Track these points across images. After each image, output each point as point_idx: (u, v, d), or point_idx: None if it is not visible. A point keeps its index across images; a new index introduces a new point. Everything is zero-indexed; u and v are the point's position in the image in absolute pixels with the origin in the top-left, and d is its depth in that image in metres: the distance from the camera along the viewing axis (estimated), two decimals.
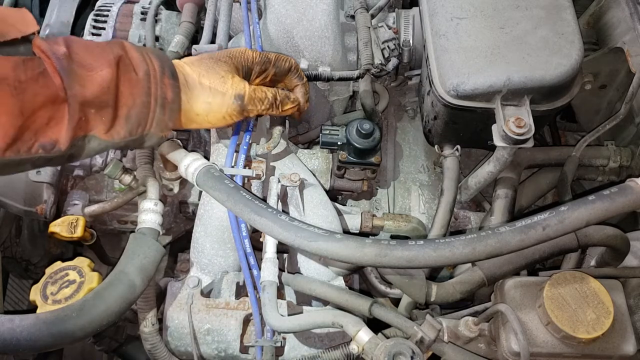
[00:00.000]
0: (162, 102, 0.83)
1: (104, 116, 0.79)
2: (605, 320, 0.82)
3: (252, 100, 0.91)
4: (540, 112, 1.03)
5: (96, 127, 0.79)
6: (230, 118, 0.91)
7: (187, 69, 0.90)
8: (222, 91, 0.89)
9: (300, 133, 1.34)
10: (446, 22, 1.06)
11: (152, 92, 0.82)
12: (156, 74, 0.83)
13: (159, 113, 0.83)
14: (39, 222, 1.52)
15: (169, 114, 0.85)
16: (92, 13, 1.42)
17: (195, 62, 0.91)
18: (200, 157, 1.00)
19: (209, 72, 0.90)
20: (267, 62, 0.97)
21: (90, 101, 0.77)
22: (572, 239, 0.94)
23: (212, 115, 0.90)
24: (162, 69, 0.84)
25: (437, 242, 0.79)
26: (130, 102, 0.81)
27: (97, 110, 0.78)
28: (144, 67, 0.83)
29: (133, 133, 0.83)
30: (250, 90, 0.91)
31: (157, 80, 0.83)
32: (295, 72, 1.01)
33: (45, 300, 0.96)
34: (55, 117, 0.75)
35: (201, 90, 0.88)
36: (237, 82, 0.91)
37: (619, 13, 1.25)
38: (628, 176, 1.09)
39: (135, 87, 0.81)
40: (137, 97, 0.81)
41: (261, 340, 0.98)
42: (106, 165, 1.20)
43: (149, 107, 0.82)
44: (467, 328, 0.90)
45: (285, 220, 0.84)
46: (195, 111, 0.89)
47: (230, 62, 0.92)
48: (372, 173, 1.20)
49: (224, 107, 0.89)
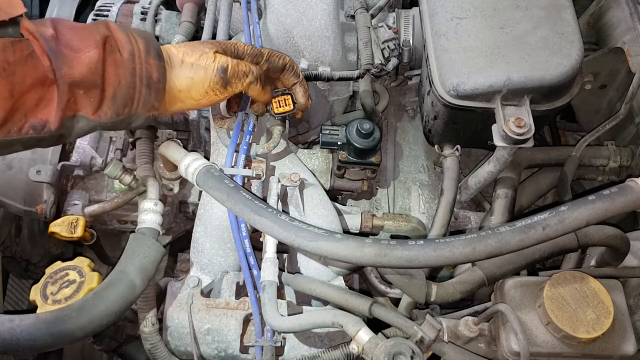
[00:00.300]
0: (147, 82, 0.84)
1: (91, 97, 0.80)
2: (605, 320, 0.82)
3: (236, 73, 0.91)
4: (540, 112, 1.03)
5: (84, 107, 0.80)
6: (214, 93, 0.91)
7: (172, 50, 0.91)
8: (204, 65, 0.89)
9: (300, 133, 1.34)
10: (446, 22, 1.06)
11: (137, 72, 0.83)
12: (141, 54, 0.84)
13: (145, 93, 0.84)
14: (39, 222, 1.52)
15: (155, 94, 0.86)
16: (92, 13, 1.42)
17: (182, 45, 0.93)
18: (200, 157, 1.00)
19: (193, 51, 0.91)
20: (259, 55, 0.97)
21: (78, 82, 0.78)
22: (572, 238, 0.94)
23: (195, 90, 0.90)
24: (147, 49, 0.85)
25: (437, 242, 0.79)
26: (115, 83, 0.82)
27: (85, 90, 0.79)
28: (128, 48, 0.84)
29: (120, 113, 0.84)
30: (233, 64, 0.91)
31: (142, 61, 0.84)
32: (291, 70, 1.01)
33: (45, 300, 0.96)
34: (45, 98, 0.76)
35: (184, 67, 0.89)
36: (219, 57, 0.91)
37: (619, 13, 1.25)
38: (628, 176, 1.09)
39: (120, 68, 0.82)
40: (123, 78, 0.82)
41: (261, 340, 0.98)
42: (106, 165, 1.20)
43: (135, 87, 0.83)
44: (467, 328, 0.90)
45: (285, 220, 0.84)
46: (178, 87, 0.89)
47: (217, 44, 0.93)
48: (372, 173, 1.20)
49: (206, 81, 0.90)
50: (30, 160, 1.27)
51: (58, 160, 1.29)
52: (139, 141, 1.23)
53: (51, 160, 1.28)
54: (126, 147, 1.35)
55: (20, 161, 1.28)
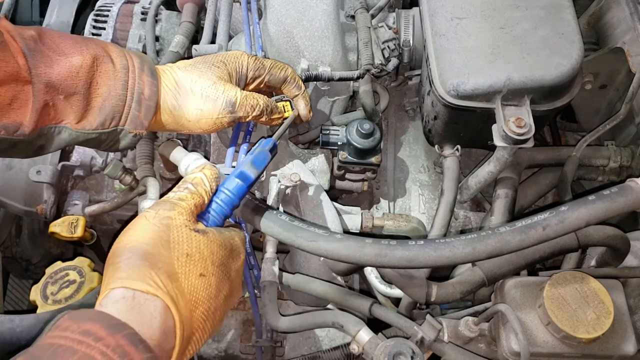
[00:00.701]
0: (138, 97, 0.83)
1: (74, 105, 0.79)
2: (606, 320, 0.82)
3: (244, 106, 0.90)
4: (541, 112, 1.03)
5: (67, 116, 0.79)
6: (222, 124, 0.90)
7: (180, 74, 0.89)
8: (213, 98, 0.88)
9: (300, 133, 1.34)
10: (446, 22, 1.06)
11: (129, 86, 0.82)
12: (134, 70, 0.84)
13: (134, 108, 0.83)
14: (39, 222, 1.52)
15: (145, 112, 0.84)
16: (92, 13, 1.42)
17: (189, 67, 0.91)
18: (200, 157, 0.99)
19: (201, 78, 0.89)
20: (261, 69, 0.97)
21: (56, 84, 0.76)
22: (572, 239, 0.94)
23: (204, 122, 0.89)
24: (141, 66, 0.85)
25: (437, 242, 0.79)
26: (105, 93, 0.81)
27: (65, 97, 0.78)
28: (122, 62, 0.83)
29: (105, 125, 0.82)
30: (242, 97, 0.90)
31: (135, 75, 0.83)
32: (293, 81, 1.01)
33: (46, 300, 0.97)
34: (19, 98, 0.74)
35: (193, 97, 0.88)
36: (228, 88, 0.90)
37: (619, 13, 1.25)
38: (628, 176, 1.09)
39: (111, 79, 0.81)
40: (113, 89, 0.81)
41: (261, 341, 0.98)
42: (106, 165, 1.20)
43: (124, 100, 0.82)
44: (467, 328, 0.90)
45: (285, 220, 0.84)
46: (187, 117, 0.89)
47: (223, 68, 0.92)
48: (372, 173, 1.20)
49: (215, 113, 0.89)
50: (30, 161, 1.27)
51: (58, 161, 1.29)
52: (139, 141, 1.23)
53: (51, 160, 1.28)
54: None
55: (20, 161, 1.28)
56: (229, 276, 0.70)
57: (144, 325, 0.57)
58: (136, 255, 0.62)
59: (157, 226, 0.65)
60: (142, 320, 0.58)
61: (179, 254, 0.64)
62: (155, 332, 0.58)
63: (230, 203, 0.74)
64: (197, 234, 0.67)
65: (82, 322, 0.54)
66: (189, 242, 0.65)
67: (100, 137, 0.83)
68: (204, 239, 0.67)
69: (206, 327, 0.65)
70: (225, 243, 0.70)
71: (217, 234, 0.70)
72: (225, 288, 0.69)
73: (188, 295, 0.62)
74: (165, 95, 0.87)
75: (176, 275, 0.62)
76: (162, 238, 0.64)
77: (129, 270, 0.61)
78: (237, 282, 0.73)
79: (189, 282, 0.63)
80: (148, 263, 0.61)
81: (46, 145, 0.81)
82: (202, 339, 0.65)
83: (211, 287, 0.66)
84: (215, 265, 0.67)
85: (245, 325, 1.06)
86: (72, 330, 0.54)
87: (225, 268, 0.69)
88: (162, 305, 0.59)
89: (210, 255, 0.67)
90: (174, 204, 0.69)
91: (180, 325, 0.60)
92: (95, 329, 0.54)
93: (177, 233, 0.66)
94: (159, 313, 0.59)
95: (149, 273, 0.60)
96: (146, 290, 0.59)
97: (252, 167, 0.77)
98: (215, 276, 0.67)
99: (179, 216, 0.67)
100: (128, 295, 0.59)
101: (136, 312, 0.58)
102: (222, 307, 0.68)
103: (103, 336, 0.53)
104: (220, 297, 0.67)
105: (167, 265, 0.62)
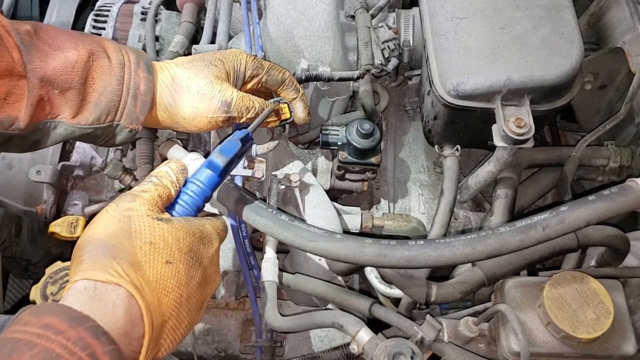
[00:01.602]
0: (134, 92, 0.83)
1: (69, 99, 0.79)
2: (606, 321, 0.82)
3: (239, 107, 0.90)
4: (540, 112, 1.03)
5: (62, 111, 0.79)
6: (216, 123, 0.90)
7: (177, 71, 0.90)
8: (209, 96, 0.88)
9: (300, 133, 1.34)
10: (446, 22, 1.06)
11: (125, 81, 0.83)
12: (130, 65, 0.84)
13: (129, 104, 0.83)
14: (39, 222, 1.52)
15: (141, 107, 0.85)
16: (92, 13, 1.42)
17: (186, 65, 0.91)
18: (200, 157, 0.99)
19: (198, 76, 0.89)
20: (259, 68, 0.97)
21: (51, 78, 0.77)
22: (572, 239, 0.94)
23: (198, 120, 0.89)
24: (137, 62, 0.85)
25: (437, 242, 0.79)
26: (101, 88, 0.81)
27: (61, 92, 0.78)
28: (118, 57, 0.83)
29: (101, 120, 0.82)
30: (237, 98, 0.90)
31: (130, 71, 0.84)
32: (291, 85, 1.00)
33: (46, 300, 0.97)
34: (14, 92, 0.75)
35: (189, 94, 0.88)
36: (225, 88, 0.90)
37: (619, 13, 1.25)
38: (628, 176, 1.09)
39: (107, 75, 0.82)
40: (109, 84, 0.82)
41: (261, 341, 0.98)
42: (106, 165, 1.20)
43: (120, 95, 0.83)
44: (467, 328, 0.90)
45: (285, 220, 0.84)
46: (182, 114, 0.89)
47: (221, 66, 0.92)
48: (372, 173, 1.20)
49: (210, 112, 0.89)
50: (30, 161, 1.27)
51: (58, 161, 1.29)
52: (139, 141, 1.23)
53: (51, 160, 1.28)
54: (126, 148, 1.35)
55: (20, 161, 1.28)
56: (200, 262, 0.69)
57: (107, 314, 0.57)
58: (98, 247, 0.62)
59: (117, 218, 0.65)
60: (104, 309, 0.57)
61: (141, 242, 0.64)
62: (119, 321, 0.58)
63: (201, 194, 0.73)
64: (160, 222, 0.66)
65: (42, 316, 0.54)
66: (152, 231, 0.65)
67: (96, 132, 0.84)
68: (167, 227, 0.66)
69: (180, 314, 0.65)
70: (192, 230, 0.69)
71: (183, 222, 0.69)
72: (197, 275, 0.68)
73: (154, 283, 0.62)
74: (161, 92, 0.87)
75: (139, 263, 0.62)
76: (123, 229, 0.64)
77: (91, 262, 0.61)
78: (211, 270, 0.72)
79: (154, 269, 0.63)
80: (109, 254, 0.61)
81: (42, 139, 0.81)
82: (179, 328, 0.65)
83: (180, 274, 0.65)
84: (183, 252, 0.66)
85: (245, 325, 1.06)
86: (32, 324, 0.53)
87: (194, 254, 0.68)
88: (125, 293, 0.59)
89: (176, 243, 0.66)
90: (135, 195, 0.68)
91: (147, 313, 0.60)
92: (55, 322, 0.53)
93: (139, 223, 0.65)
94: (122, 301, 0.59)
95: (110, 263, 0.60)
96: (107, 280, 0.59)
97: (220, 155, 0.76)
98: (183, 263, 0.66)
99: (140, 207, 0.67)
100: (90, 286, 0.59)
101: (97, 302, 0.58)
102: (197, 295, 0.68)
103: (63, 329, 0.52)
104: (192, 284, 0.67)
105: (129, 255, 0.62)
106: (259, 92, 1.02)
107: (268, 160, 1.12)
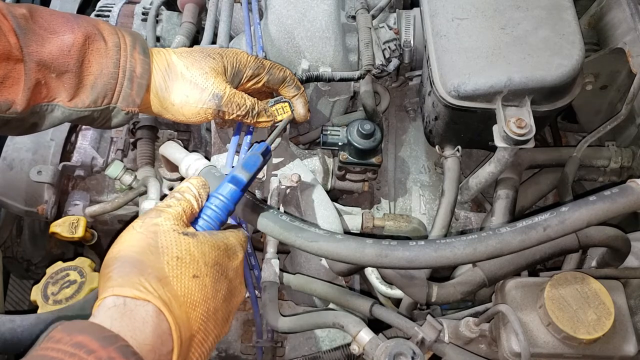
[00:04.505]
0: (130, 75, 0.84)
1: (66, 82, 0.80)
2: (606, 321, 0.82)
3: (230, 103, 0.90)
4: (541, 112, 1.03)
5: (59, 94, 0.80)
6: (205, 115, 0.90)
7: (174, 58, 0.90)
8: (201, 87, 0.88)
9: (300, 133, 1.34)
10: (447, 22, 1.06)
11: (121, 63, 0.83)
12: (127, 47, 0.84)
13: (126, 86, 0.84)
14: (40, 223, 1.52)
15: (137, 89, 0.85)
16: (92, 13, 1.42)
17: (184, 53, 0.91)
18: (201, 157, 1.00)
19: (193, 66, 0.89)
20: (260, 68, 0.97)
21: (48, 62, 0.77)
22: (573, 239, 0.94)
23: (187, 108, 0.89)
24: (133, 44, 0.85)
25: (438, 242, 0.79)
26: (97, 71, 0.81)
27: (58, 75, 0.79)
28: (114, 39, 0.84)
29: (98, 103, 0.83)
30: (230, 93, 0.90)
31: (127, 53, 0.84)
32: (292, 82, 1.01)
33: (46, 301, 0.97)
34: (11, 76, 0.75)
35: (182, 82, 0.88)
36: (219, 81, 0.90)
37: (620, 14, 1.25)
38: (629, 177, 1.09)
39: (103, 57, 0.82)
40: (105, 67, 0.82)
41: (262, 341, 0.98)
42: (107, 165, 1.21)
43: (116, 78, 0.83)
44: (468, 328, 0.90)
45: (285, 221, 0.84)
46: (172, 101, 0.89)
47: (219, 60, 0.92)
48: (373, 174, 1.20)
49: (200, 103, 0.88)
50: (31, 161, 1.27)
51: (59, 161, 1.29)
52: (140, 142, 1.24)
53: (52, 160, 1.28)
54: (127, 148, 1.35)
55: (21, 161, 1.28)
56: (226, 275, 0.69)
57: (136, 330, 0.57)
58: (125, 263, 0.62)
59: (144, 234, 0.65)
60: (134, 326, 0.57)
61: (168, 257, 0.64)
62: (149, 337, 0.58)
63: (224, 208, 0.74)
64: (185, 237, 0.66)
65: (74, 334, 0.54)
66: (178, 245, 0.65)
67: (92, 115, 0.84)
68: (193, 241, 0.67)
69: (208, 328, 0.65)
70: (217, 243, 0.70)
71: (208, 235, 0.70)
72: (223, 288, 0.68)
73: (182, 298, 0.62)
74: (155, 75, 0.88)
75: (167, 279, 0.62)
76: (150, 244, 0.64)
77: (119, 278, 0.61)
78: (237, 282, 0.72)
79: (182, 284, 0.63)
80: (137, 270, 0.61)
81: (39, 123, 0.81)
82: (207, 341, 0.65)
83: (207, 288, 0.65)
84: (209, 265, 0.67)
85: (246, 326, 1.06)
86: (64, 342, 0.53)
87: (220, 268, 0.68)
88: (153, 309, 0.59)
89: (201, 257, 0.66)
90: (160, 211, 0.69)
91: (176, 328, 0.60)
92: (87, 341, 0.53)
93: (165, 238, 0.65)
94: (150, 317, 0.59)
95: (138, 279, 0.60)
96: (136, 296, 0.59)
97: (243, 171, 0.76)
98: (209, 276, 0.66)
99: (166, 222, 0.67)
100: (119, 302, 0.59)
101: (127, 319, 0.58)
102: (223, 307, 0.68)
103: (95, 349, 0.52)
104: (219, 297, 0.67)
105: (157, 270, 0.62)
106: (260, 91, 1.02)
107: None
